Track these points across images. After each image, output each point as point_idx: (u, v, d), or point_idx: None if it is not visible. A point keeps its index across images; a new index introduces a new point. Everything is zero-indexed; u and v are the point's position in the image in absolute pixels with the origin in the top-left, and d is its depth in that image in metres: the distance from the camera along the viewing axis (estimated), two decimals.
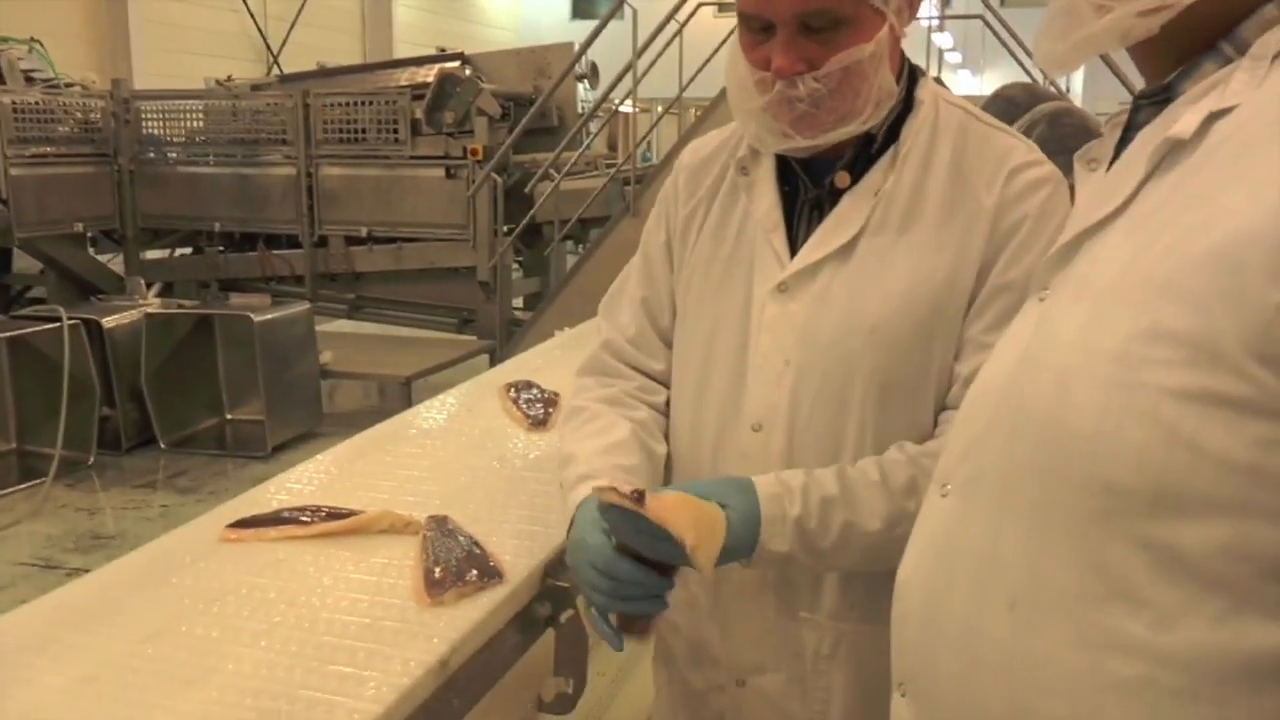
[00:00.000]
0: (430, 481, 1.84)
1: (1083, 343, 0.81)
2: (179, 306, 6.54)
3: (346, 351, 7.13)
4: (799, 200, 1.38)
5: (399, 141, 7.07)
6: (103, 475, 5.77)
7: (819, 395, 1.33)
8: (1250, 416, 0.72)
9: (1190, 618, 0.76)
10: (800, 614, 1.39)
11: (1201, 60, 0.84)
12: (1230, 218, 0.73)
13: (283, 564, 1.52)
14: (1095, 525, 0.79)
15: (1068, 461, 0.81)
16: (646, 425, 1.45)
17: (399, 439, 2.10)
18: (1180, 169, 0.81)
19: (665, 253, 1.49)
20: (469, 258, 6.93)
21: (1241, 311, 0.71)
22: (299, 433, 6.20)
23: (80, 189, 7.38)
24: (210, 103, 7.90)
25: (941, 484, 0.96)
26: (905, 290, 1.30)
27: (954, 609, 0.91)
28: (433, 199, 6.99)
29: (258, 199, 7.53)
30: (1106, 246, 0.85)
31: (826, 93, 1.25)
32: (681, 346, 1.46)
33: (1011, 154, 1.32)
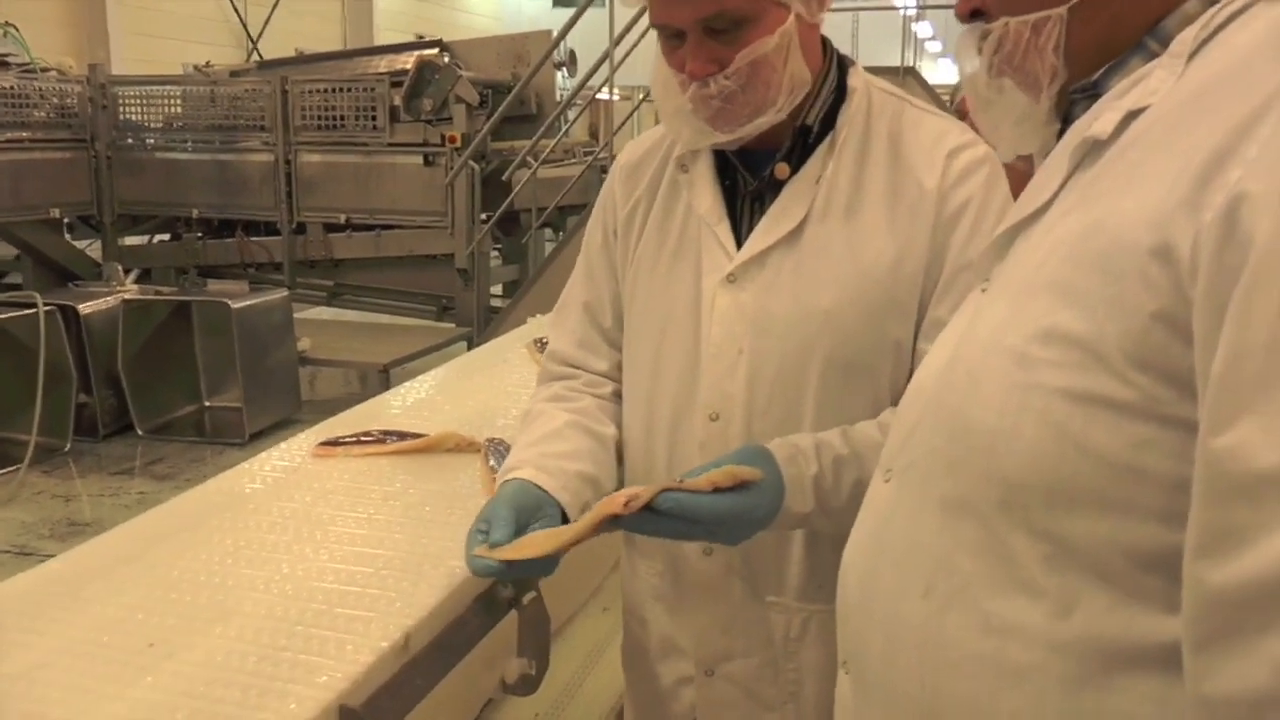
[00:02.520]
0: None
1: (994, 340, 0.84)
2: (156, 293, 6.52)
3: (325, 339, 7.12)
4: (740, 193, 1.41)
5: (377, 129, 7.05)
6: (79, 462, 5.76)
7: (775, 382, 1.35)
8: (1131, 419, 0.74)
9: (1083, 608, 0.78)
10: (767, 598, 1.42)
11: (1128, 56, 0.85)
12: (1118, 223, 0.75)
13: (242, 551, 1.55)
14: (998, 517, 0.82)
15: (973, 455, 0.84)
16: (588, 411, 1.48)
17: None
18: (1097, 168, 0.83)
19: (605, 254, 1.52)
20: (447, 245, 6.93)
21: (1122, 317, 0.73)
22: (277, 420, 6.19)
23: (57, 174, 7.34)
24: (188, 89, 7.85)
25: (885, 469, 0.99)
26: (855, 274, 1.33)
27: (882, 592, 0.94)
28: (411, 186, 6.98)
29: (236, 185, 7.50)
30: (1029, 243, 0.87)
31: (737, 89, 1.30)
32: (632, 343, 1.49)
33: (947, 136, 1.37)
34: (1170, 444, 0.72)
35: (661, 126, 1.51)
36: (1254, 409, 0.65)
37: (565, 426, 1.45)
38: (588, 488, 1.39)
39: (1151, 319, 0.72)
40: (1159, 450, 0.73)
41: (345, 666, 1.23)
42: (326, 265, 7.50)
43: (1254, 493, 0.65)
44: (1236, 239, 0.66)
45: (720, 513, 1.19)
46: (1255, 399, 0.65)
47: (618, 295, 1.52)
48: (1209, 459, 0.67)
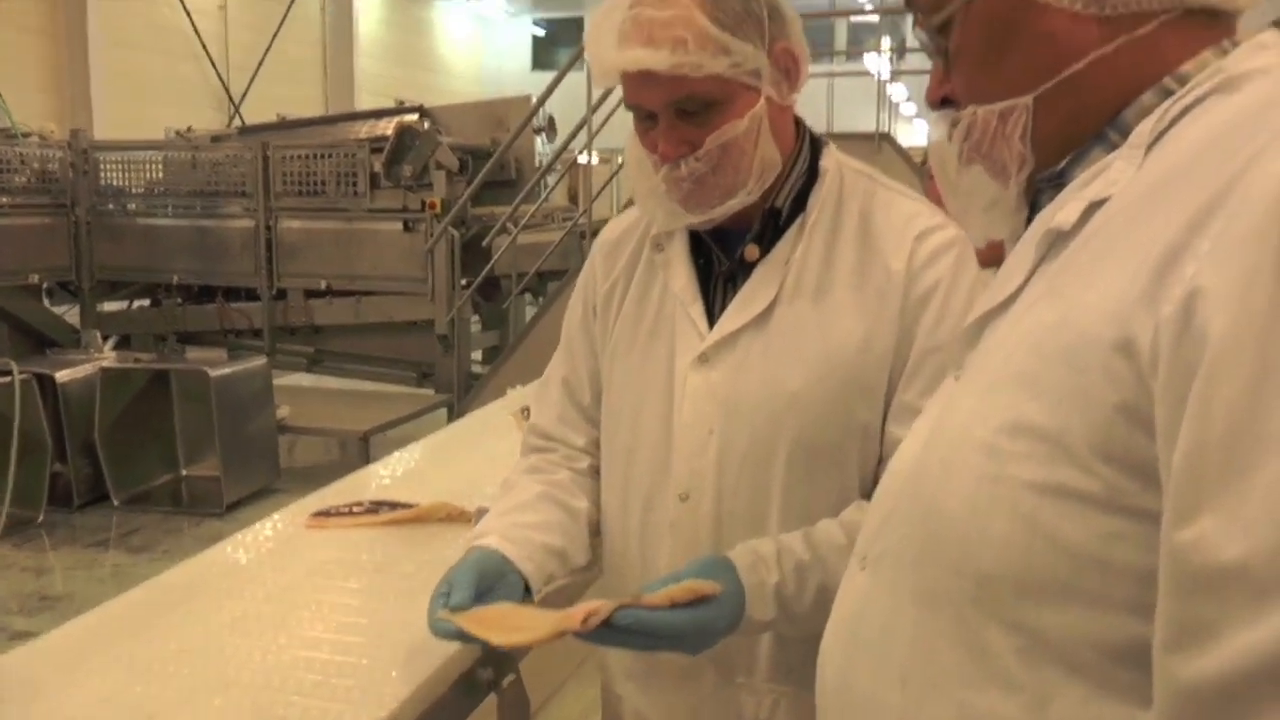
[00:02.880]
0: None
1: (965, 432, 0.84)
2: (135, 360, 6.49)
3: (304, 406, 7.08)
4: (714, 273, 1.43)
5: (358, 194, 7.09)
6: (52, 534, 5.68)
7: (744, 462, 1.37)
8: (1098, 511, 0.74)
9: (1058, 702, 0.78)
10: (737, 680, 1.42)
11: (1090, 146, 0.86)
12: (1081, 316, 0.76)
13: (239, 623, 1.56)
14: (972, 609, 0.82)
15: (946, 547, 0.84)
16: (562, 484, 1.50)
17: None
18: (1061, 259, 0.83)
19: (584, 331, 1.54)
20: (427, 311, 6.93)
21: (1086, 410, 0.74)
22: (255, 489, 6.14)
23: (36, 240, 7.33)
24: (169, 154, 7.88)
25: (860, 557, 0.99)
26: (823, 356, 1.35)
27: (859, 682, 0.93)
28: (391, 252, 7.00)
29: (216, 251, 7.50)
30: (997, 334, 0.88)
31: (708, 170, 1.32)
32: (609, 421, 1.50)
33: (916, 219, 1.38)
34: (1137, 536, 0.72)
35: (637, 206, 1.53)
36: (1215, 502, 0.65)
37: (536, 498, 1.46)
38: (553, 560, 1.41)
39: (1115, 411, 0.72)
40: (1126, 542, 0.73)
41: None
42: (307, 331, 7.49)
43: (1219, 586, 0.65)
44: (1192, 333, 0.67)
45: (679, 628, 1.19)
46: (1216, 492, 0.65)
47: (596, 372, 1.53)
48: (1173, 552, 0.68)
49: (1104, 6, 0.82)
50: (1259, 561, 0.63)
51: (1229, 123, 0.76)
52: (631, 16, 1.29)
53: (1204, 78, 0.81)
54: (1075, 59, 0.84)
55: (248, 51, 14.07)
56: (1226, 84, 0.80)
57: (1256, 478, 0.64)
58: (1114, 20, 0.83)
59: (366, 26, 16.85)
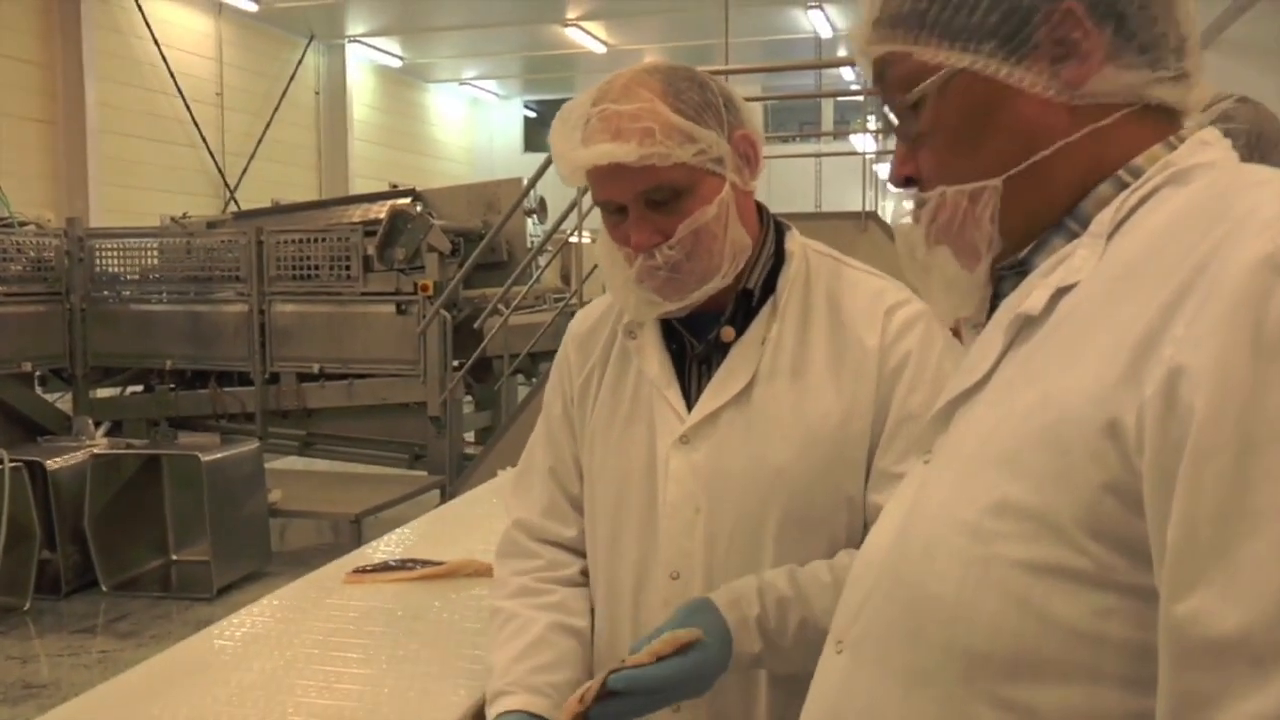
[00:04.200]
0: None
1: (946, 514, 0.85)
2: (127, 446, 6.47)
3: (296, 489, 7.05)
4: (687, 357, 1.46)
5: (351, 278, 7.16)
6: (39, 621, 5.61)
7: (732, 538, 1.38)
8: (1090, 588, 0.75)
9: None
10: None
11: (1050, 235, 0.88)
12: (1061, 398, 0.77)
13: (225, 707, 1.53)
14: (960, 687, 0.82)
15: (933, 627, 0.84)
16: (564, 606, 1.49)
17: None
18: (1032, 343, 0.85)
19: (565, 421, 1.55)
20: (420, 393, 6.95)
21: (1072, 489, 0.75)
22: (246, 573, 6.09)
23: (30, 328, 7.36)
24: (165, 240, 7.96)
25: (836, 640, 0.98)
26: (804, 433, 1.37)
27: None
28: (384, 335, 7.05)
29: (210, 336, 7.54)
30: (971, 417, 0.89)
31: (683, 257, 1.35)
32: (592, 508, 1.51)
33: (884, 294, 1.43)
34: (1129, 612, 0.74)
35: (607, 295, 1.56)
36: (1211, 575, 0.67)
37: (546, 631, 1.45)
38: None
39: (1102, 490, 0.74)
40: (1119, 618, 0.74)
41: None
42: (299, 414, 7.50)
43: (1218, 657, 0.66)
44: (1178, 412, 0.69)
45: (672, 679, 1.21)
46: (1211, 565, 0.67)
47: (580, 459, 1.54)
48: (1172, 626, 0.69)
49: (1075, 96, 0.85)
50: (1256, 632, 0.65)
51: (1186, 211, 0.79)
52: (596, 113, 1.32)
53: (1155, 170, 0.84)
54: (1045, 145, 0.86)
55: (243, 138, 14.27)
56: (1177, 176, 0.83)
57: (1248, 550, 0.66)
58: (1082, 110, 0.86)
59: (360, 111, 17.11)
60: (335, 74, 16.50)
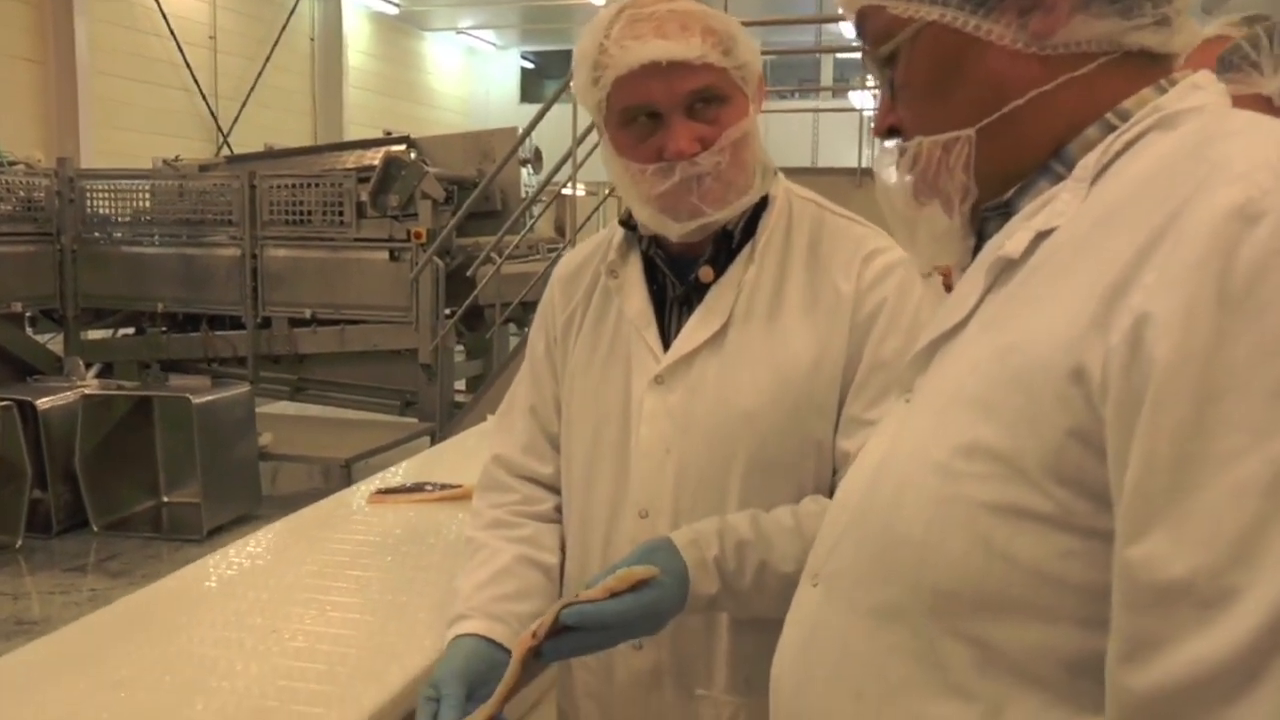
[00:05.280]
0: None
1: (919, 453, 0.87)
2: (118, 387, 6.48)
3: (287, 433, 7.07)
4: (668, 298, 1.46)
5: (344, 224, 7.13)
6: (30, 559, 5.65)
7: (700, 480, 1.39)
8: (1052, 530, 0.77)
9: (1013, 710, 0.80)
10: (696, 692, 1.43)
11: (1036, 178, 0.89)
12: (1033, 343, 0.79)
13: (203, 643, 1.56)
14: (928, 623, 0.84)
15: (902, 565, 0.86)
16: (534, 540, 1.50)
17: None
18: (1010, 286, 0.86)
19: (547, 361, 1.56)
20: (411, 340, 6.96)
21: (1039, 434, 0.77)
22: (236, 515, 6.13)
23: (21, 268, 7.34)
24: (156, 183, 7.91)
25: (812, 575, 1.00)
26: (775, 377, 1.38)
27: (813, 697, 0.95)
28: (376, 281, 7.03)
29: (202, 279, 7.53)
30: (949, 358, 0.90)
31: (726, 164, 1.35)
32: (568, 445, 1.52)
33: (864, 242, 1.43)
34: (1090, 554, 0.75)
35: (597, 237, 1.57)
36: (1164, 521, 0.68)
37: (513, 562, 1.46)
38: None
39: (1067, 436, 0.75)
40: (1079, 560, 0.76)
41: None
42: (290, 360, 7.50)
43: (1166, 601, 0.68)
44: (1140, 361, 0.70)
45: (625, 615, 1.20)
46: (1165, 511, 0.68)
47: (560, 399, 1.55)
48: (1125, 569, 0.71)
49: (1043, 47, 0.86)
50: (1203, 577, 0.67)
51: (1169, 157, 0.80)
52: (646, 14, 1.32)
53: (1144, 114, 0.84)
54: (1017, 95, 0.87)
55: (237, 82, 14.12)
56: (1165, 121, 0.83)
57: (1201, 497, 0.67)
58: (1054, 60, 0.86)
59: (356, 58, 16.93)
60: (331, 20, 16.30)
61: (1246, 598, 0.65)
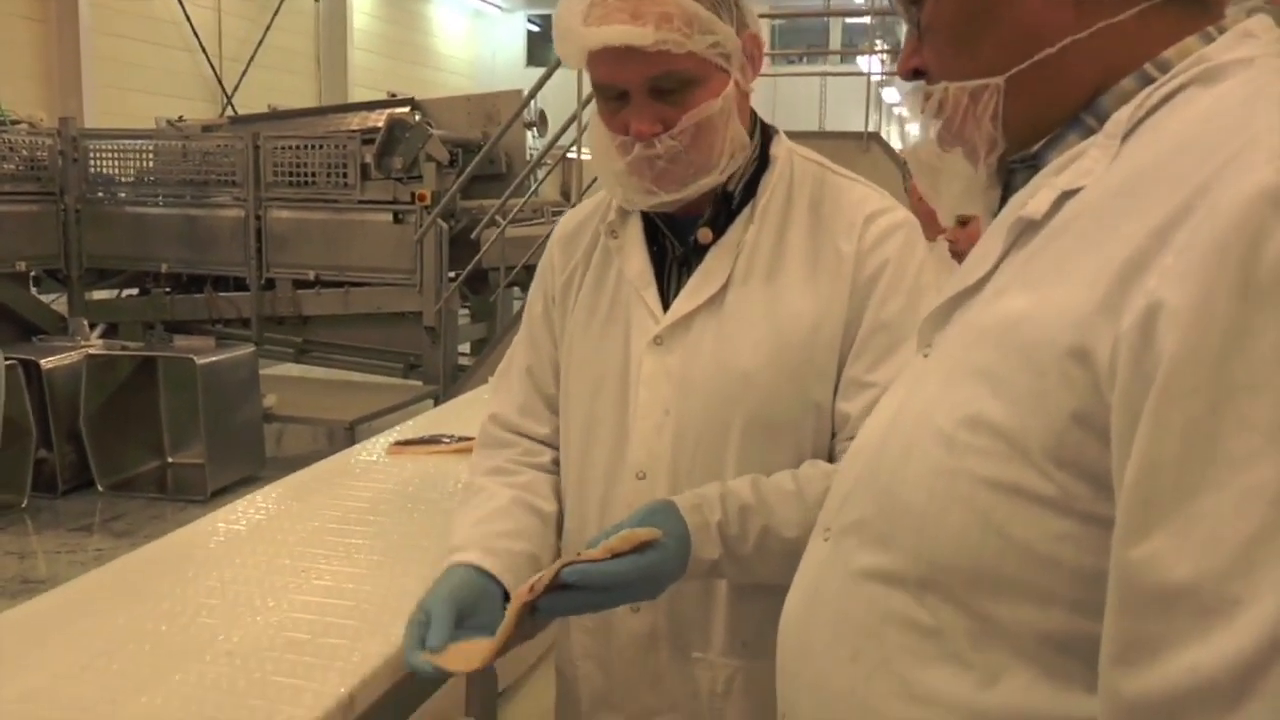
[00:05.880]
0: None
1: (926, 419, 0.85)
2: (122, 348, 6.48)
3: (291, 395, 7.09)
4: (668, 259, 1.45)
5: (348, 186, 7.09)
6: (36, 518, 5.68)
7: (698, 442, 1.39)
8: (1051, 512, 0.75)
9: (1006, 681, 0.79)
10: (693, 654, 1.43)
11: (1065, 131, 0.85)
12: (1043, 317, 0.75)
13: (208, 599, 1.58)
14: (925, 591, 0.83)
15: (902, 531, 0.85)
16: (531, 486, 1.50)
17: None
18: (1030, 248, 0.82)
19: (545, 321, 1.55)
20: (415, 302, 6.94)
21: (1044, 415, 0.74)
22: (240, 477, 6.14)
23: (24, 227, 7.32)
24: (160, 143, 7.88)
25: (824, 528, 0.99)
26: (774, 337, 1.37)
27: (813, 653, 0.94)
28: (380, 243, 7.01)
29: (206, 240, 7.50)
30: (965, 319, 0.87)
31: (682, 149, 1.33)
32: (567, 405, 1.51)
33: (866, 203, 1.41)
34: (1087, 539, 0.73)
35: (597, 197, 1.55)
36: (1166, 522, 0.66)
37: (510, 504, 1.46)
38: (529, 567, 1.39)
39: (1071, 419, 0.72)
40: (1076, 544, 0.74)
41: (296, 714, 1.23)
42: (295, 322, 7.49)
43: (1167, 605, 0.66)
44: (1152, 349, 0.67)
45: (625, 576, 1.19)
46: (1168, 512, 0.66)
47: (558, 361, 1.54)
48: (1123, 569, 0.68)
49: None
50: (1206, 583, 0.64)
51: (1206, 120, 0.75)
52: None
53: (1185, 65, 0.79)
54: (1049, 43, 0.82)
55: (241, 43, 14.03)
56: (1207, 74, 0.78)
57: (1208, 499, 0.64)
58: (1089, 5, 0.81)
59: (361, 20, 16.82)
60: None
61: (1248, 608, 0.63)
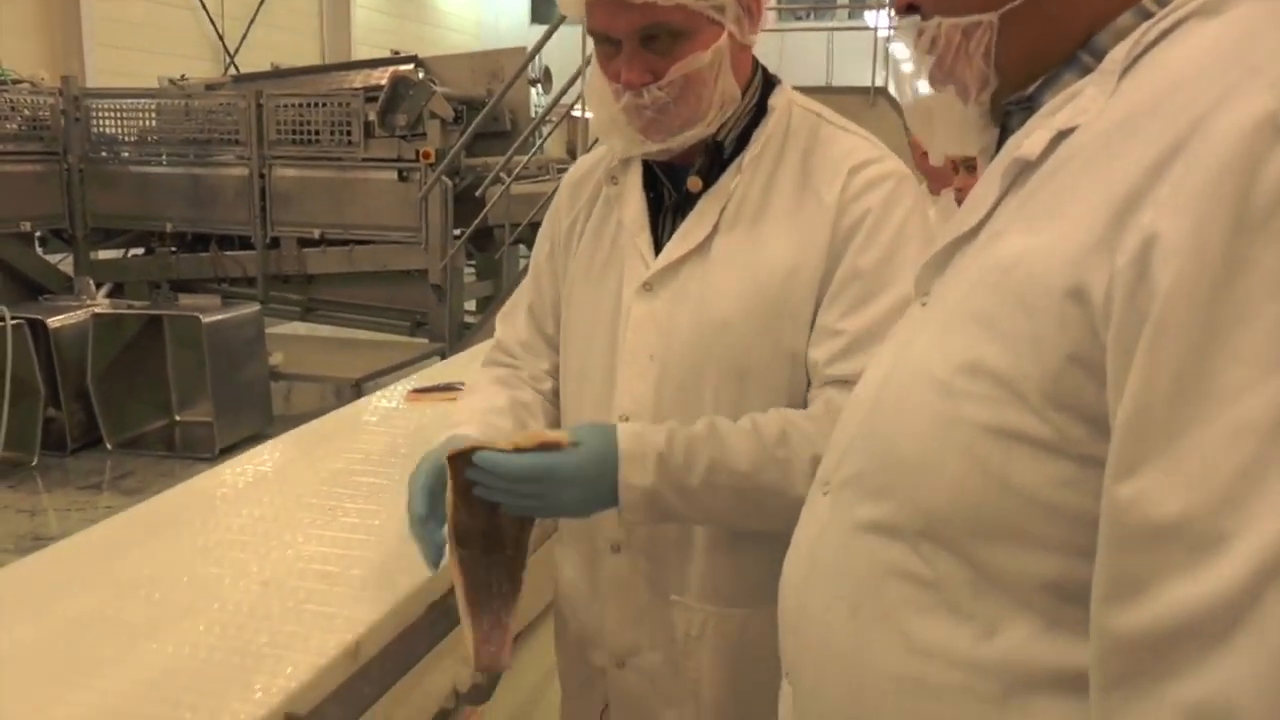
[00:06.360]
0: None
1: (923, 368, 0.84)
2: (128, 307, 6.49)
3: (297, 353, 7.10)
4: (664, 206, 1.46)
5: (352, 144, 7.07)
6: (46, 476, 5.72)
7: (679, 388, 1.41)
8: (1049, 456, 0.74)
9: (1005, 631, 0.79)
10: (671, 597, 1.46)
11: (1062, 70, 0.83)
12: (1038, 258, 0.74)
13: (216, 549, 1.59)
14: (924, 542, 0.83)
15: (900, 483, 0.85)
16: (528, 406, 1.54)
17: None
18: (1026, 190, 0.81)
19: (549, 263, 1.58)
20: (421, 260, 6.93)
21: (1040, 357, 0.73)
22: (248, 434, 6.16)
23: (28, 187, 7.31)
24: (162, 102, 7.84)
25: (824, 482, 0.98)
26: (751, 285, 1.38)
27: (814, 607, 0.94)
28: (385, 201, 6.99)
29: (210, 199, 7.49)
30: (960, 266, 0.86)
31: (670, 100, 1.34)
32: (565, 350, 1.55)
33: (854, 153, 1.41)
34: (1086, 482, 0.72)
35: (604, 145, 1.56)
36: (1157, 457, 0.65)
37: (509, 404, 1.51)
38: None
39: (1067, 360, 0.72)
40: (1075, 488, 0.73)
41: (293, 673, 1.24)
42: (300, 280, 7.49)
43: (1155, 541, 0.65)
44: (1146, 284, 0.66)
45: (519, 470, 1.24)
46: (1158, 447, 0.65)
47: (559, 302, 1.58)
48: (1113, 506, 0.68)
49: None
50: (1196, 518, 0.64)
51: (1205, 53, 0.73)
52: None
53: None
54: None
55: (243, 1, 13.92)
56: (1208, 7, 0.76)
57: (1199, 434, 0.64)
58: None
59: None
60: None
61: (1237, 542, 0.62)
